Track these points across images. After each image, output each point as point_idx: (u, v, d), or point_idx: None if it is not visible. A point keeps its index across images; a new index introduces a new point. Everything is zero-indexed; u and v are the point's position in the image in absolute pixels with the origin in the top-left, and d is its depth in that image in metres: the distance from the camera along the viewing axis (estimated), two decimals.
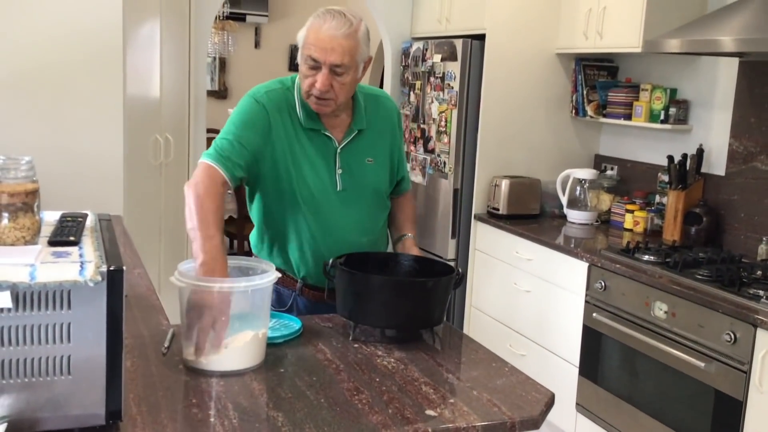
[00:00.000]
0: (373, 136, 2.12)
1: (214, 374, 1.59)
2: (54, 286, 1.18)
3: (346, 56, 1.90)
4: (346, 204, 2.06)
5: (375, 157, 2.11)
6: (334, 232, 2.06)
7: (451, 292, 1.96)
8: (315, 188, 2.03)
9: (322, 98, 1.94)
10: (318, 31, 1.90)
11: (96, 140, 3.11)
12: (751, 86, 3.25)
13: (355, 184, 2.07)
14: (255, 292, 1.65)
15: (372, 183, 2.11)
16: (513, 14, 3.92)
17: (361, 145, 2.09)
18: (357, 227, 2.09)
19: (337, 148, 2.05)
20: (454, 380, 1.68)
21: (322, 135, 2.04)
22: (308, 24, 1.94)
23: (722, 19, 2.88)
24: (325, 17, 1.91)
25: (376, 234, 2.17)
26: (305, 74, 1.94)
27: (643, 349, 2.88)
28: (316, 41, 1.90)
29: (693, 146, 3.49)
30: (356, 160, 2.08)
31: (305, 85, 1.95)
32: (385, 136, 2.16)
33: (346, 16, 1.92)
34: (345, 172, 2.06)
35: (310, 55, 1.91)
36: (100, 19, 3.03)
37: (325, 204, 2.04)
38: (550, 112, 4.11)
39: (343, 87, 1.95)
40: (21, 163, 1.35)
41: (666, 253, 3.06)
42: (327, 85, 1.91)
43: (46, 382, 1.21)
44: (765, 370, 2.39)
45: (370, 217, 2.13)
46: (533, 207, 3.95)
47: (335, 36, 1.88)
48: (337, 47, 1.88)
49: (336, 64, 1.90)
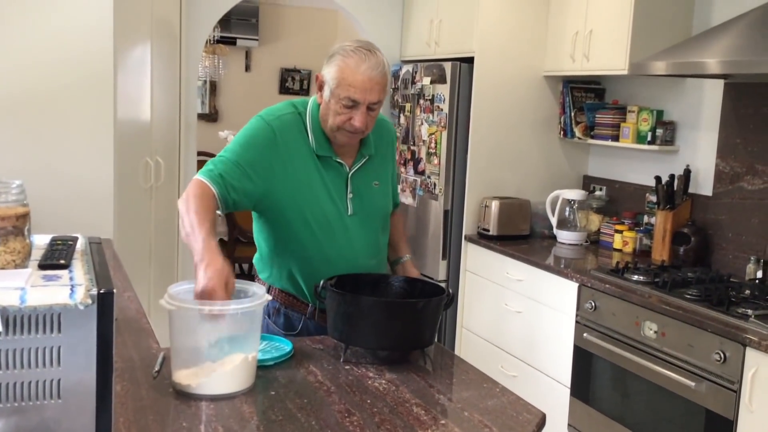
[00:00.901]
0: (379, 160, 2.17)
1: (204, 398, 1.59)
2: (44, 309, 1.17)
3: (382, 92, 1.97)
4: (356, 228, 2.09)
5: (381, 181, 2.17)
6: (346, 255, 2.07)
7: (441, 313, 1.96)
8: (328, 213, 2.04)
9: (355, 133, 1.99)
10: (356, 72, 1.92)
11: (86, 163, 3.11)
12: (736, 107, 3.29)
13: (365, 208, 2.10)
14: (245, 315, 1.65)
15: (380, 206, 2.16)
16: (501, 37, 3.97)
17: (369, 169, 2.13)
18: (367, 250, 2.12)
19: (348, 173, 2.08)
20: (446, 401, 1.68)
21: (334, 162, 2.07)
22: (339, 63, 1.94)
23: (707, 42, 2.92)
24: (358, 56, 1.93)
25: (383, 257, 2.21)
26: (339, 112, 1.96)
27: (633, 369, 2.88)
28: (355, 82, 1.92)
29: (680, 167, 3.52)
30: (365, 184, 2.12)
31: (337, 122, 1.97)
32: (388, 159, 2.22)
33: (376, 53, 1.97)
34: (356, 196, 2.09)
35: (348, 96, 1.93)
36: (91, 44, 3.05)
37: (337, 228, 2.06)
38: (538, 134, 4.14)
39: (373, 119, 2.02)
40: (11, 186, 1.35)
41: (655, 273, 3.08)
42: (365, 122, 1.97)
43: (36, 406, 1.20)
44: (755, 389, 2.40)
45: (378, 239, 2.17)
46: (523, 228, 3.97)
47: (373, 77, 1.93)
48: (375, 86, 1.94)
49: (374, 102, 1.96)
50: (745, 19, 2.86)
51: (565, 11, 3.85)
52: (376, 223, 2.14)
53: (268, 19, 7.69)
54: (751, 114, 3.23)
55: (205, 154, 6.81)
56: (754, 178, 3.21)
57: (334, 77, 1.95)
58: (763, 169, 3.17)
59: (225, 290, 1.65)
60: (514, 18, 3.97)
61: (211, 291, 1.64)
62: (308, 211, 2.02)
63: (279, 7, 7.71)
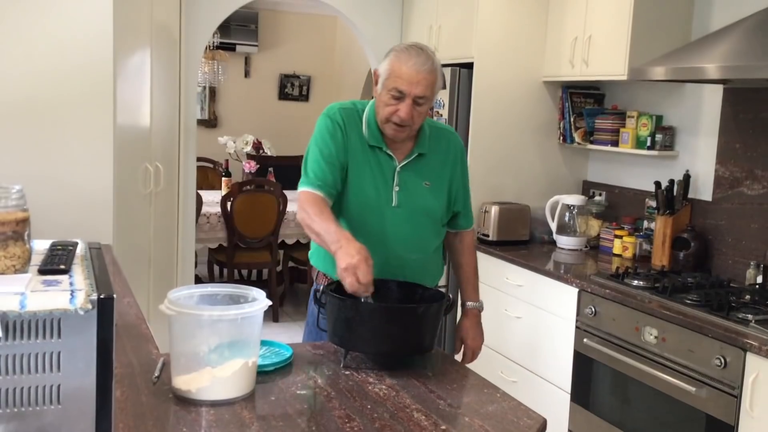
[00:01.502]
0: (433, 162, 2.22)
1: (204, 403, 1.59)
2: (44, 314, 1.17)
3: (429, 89, 2.06)
4: (399, 220, 2.15)
5: (432, 182, 2.21)
6: (386, 244, 2.13)
7: (441, 319, 1.96)
8: (372, 201, 2.14)
9: (401, 125, 2.08)
10: (405, 65, 2.03)
11: (86, 169, 3.11)
12: (736, 112, 3.29)
13: (410, 203, 2.17)
14: (245, 320, 1.65)
15: (426, 204, 2.20)
16: (500, 43, 3.97)
17: (419, 167, 2.19)
18: (408, 243, 2.18)
19: (396, 167, 2.16)
20: (446, 407, 1.67)
21: (384, 153, 2.16)
22: (391, 57, 2.08)
23: (706, 47, 2.93)
24: (410, 52, 2.05)
25: (426, 254, 2.24)
26: (387, 103, 2.07)
27: (633, 374, 2.88)
28: (403, 74, 2.03)
29: (679, 172, 3.52)
30: (413, 181, 2.18)
31: (385, 113, 2.08)
32: (446, 166, 2.25)
33: (427, 53, 2.07)
34: (402, 190, 2.16)
35: (396, 87, 2.04)
36: (91, 50, 3.05)
37: (379, 217, 2.14)
38: (538, 139, 4.15)
39: (420, 115, 2.10)
40: (11, 191, 1.35)
41: (655, 278, 3.08)
42: (410, 114, 2.05)
43: (36, 411, 1.20)
44: (755, 394, 2.40)
45: (421, 236, 2.21)
46: (523, 233, 3.97)
47: (420, 71, 2.03)
48: (422, 81, 2.03)
49: (420, 96, 2.04)
50: (743, 24, 2.87)
51: (564, 17, 3.86)
52: (419, 219, 2.19)
53: (268, 25, 7.71)
54: (750, 119, 3.23)
55: (204, 159, 6.83)
56: (754, 183, 3.21)
57: (386, 69, 2.07)
58: (763, 174, 3.17)
59: (367, 265, 1.82)
60: (513, 23, 3.98)
61: (356, 265, 1.81)
62: (354, 197, 2.14)
63: (278, 14, 7.73)
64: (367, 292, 1.84)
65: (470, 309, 2.38)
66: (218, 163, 6.96)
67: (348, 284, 1.83)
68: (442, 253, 2.38)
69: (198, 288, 1.78)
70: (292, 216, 5.66)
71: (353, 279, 1.82)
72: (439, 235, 2.30)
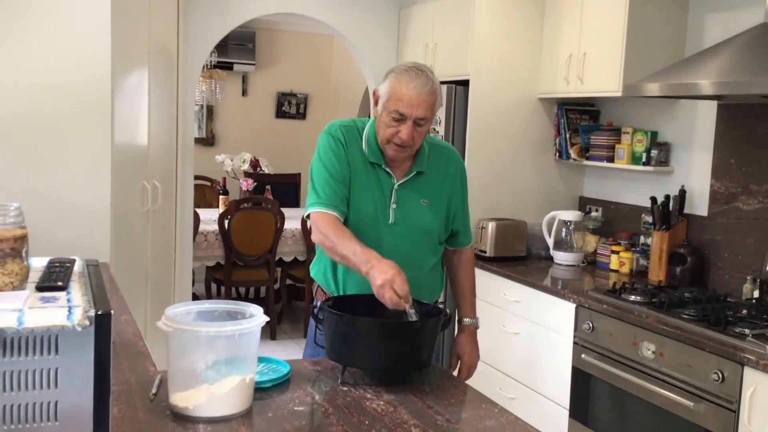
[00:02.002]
0: (432, 181, 2.23)
1: (201, 420, 1.58)
2: (42, 331, 1.17)
3: (429, 110, 2.07)
4: (395, 237, 2.16)
5: (430, 200, 2.22)
6: None
7: (439, 334, 1.96)
8: (369, 217, 2.15)
9: (402, 146, 2.09)
10: (405, 87, 2.05)
11: (84, 187, 3.11)
12: (730, 128, 3.31)
13: (407, 221, 2.18)
14: (242, 336, 1.64)
15: (423, 222, 2.21)
16: (495, 60, 4.00)
17: (418, 185, 2.20)
18: (403, 261, 2.13)
19: (394, 184, 2.17)
20: (444, 422, 1.67)
21: (383, 170, 2.17)
22: (392, 79, 2.09)
23: (700, 63, 2.95)
24: (410, 74, 2.06)
25: (422, 272, 2.23)
26: (388, 124, 2.09)
27: (631, 389, 2.87)
28: (404, 97, 2.05)
29: (675, 187, 3.54)
30: (411, 198, 2.19)
31: (387, 134, 2.10)
32: (445, 185, 2.26)
33: (427, 74, 2.08)
34: (399, 207, 2.17)
35: (397, 110, 2.05)
36: (89, 69, 3.06)
37: (375, 233, 2.15)
38: (534, 156, 4.16)
39: (421, 136, 2.12)
40: (9, 209, 1.36)
41: (652, 293, 3.08)
42: (411, 136, 2.07)
43: (33, 429, 1.20)
44: (753, 408, 2.40)
45: (417, 254, 2.21)
46: (520, 249, 3.98)
47: (421, 93, 2.04)
48: (423, 103, 2.05)
49: (420, 118, 2.06)
50: (737, 40, 2.90)
51: (559, 34, 3.89)
52: (416, 237, 2.20)
53: (265, 44, 7.75)
54: (744, 134, 3.25)
55: (202, 178, 6.84)
56: (749, 198, 3.22)
57: (387, 91, 2.09)
58: (758, 189, 3.19)
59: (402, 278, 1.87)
60: (509, 41, 4.01)
61: (392, 279, 1.86)
62: (352, 211, 2.15)
63: (275, 32, 7.77)
64: (407, 302, 1.88)
65: (467, 325, 2.39)
66: (215, 181, 6.97)
67: (387, 299, 1.87)
68: (441, 269, 2.38)
69: (195, 304, 1.79)
70: (290, 233, 5.67)
71: (392, 294, 1.86)
72: (437, 253, 2.30)
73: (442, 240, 2.31)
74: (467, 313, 2.40)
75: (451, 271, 2.42)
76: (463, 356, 2.35)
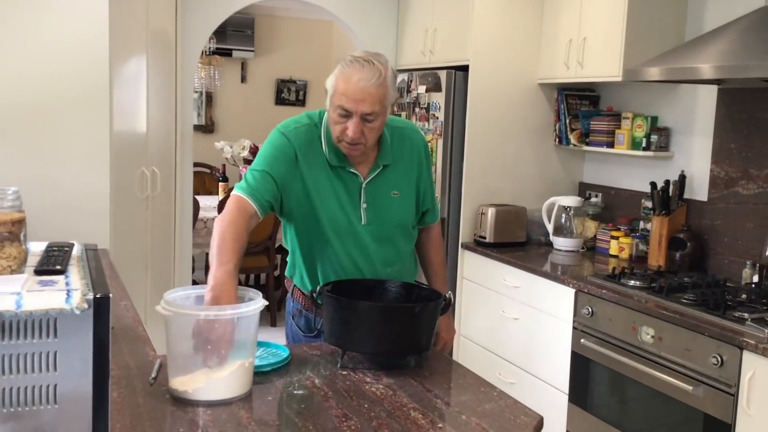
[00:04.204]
0: (399, 169, 2.15)
1: (201, 404, 1.59)
2: (40, 314, 1.17)
3: (377, 104, 1.94)
4: (370, 237, 2.10)
5: (400, 190, 2.15)
6: (359, 263, 2.10)
7: (438, 318, 1.96)
8: (340, 221, 2.07)
9: (353, 144, 1.98)
10: (348, 82, 1.93)
11: (83, 174, 3.11)
12: (730, 113, 3.30)
13: (380, 218, 2.11)
14: (241, 320, 1.65)
15: (396, 216, 2.14)
16: (495, 45, 3.98)
17: (386, 179, 2.12)
18: (382, 259, 2.13)
19: (362, 183, 2.09)
20: (443, 405, 1.68)
21: (348, 171, 2.08)
22: (336, 72, 1.97)
23: (700, 47, 2.94)
24: (353, 66, 1.94)
25: (402, 263, 2.20)
26: (336, 121, 1.98)
27: (631, 374, 2.88)
28: (347, 92, 1.93)
29: (675, 172, 3.53)
30: (381, 193, 2.11)
31: (336, 131, 1.99)
32: (411, 168, 2.18)
33: (374, 64, 1.95)
34: (370, 206, 2.09)
35: (341, 105, 1.94)
36: (87, 56, 3.06)
37: (350, 237, 2.09)
38: (534, 141, 4.16)
39: (373, 131, 1.99)
40: (7, 193, 1.36)
41: (651, 278, 3.08)
42: (358, 132, 1.96)
43: (32, 411, 1.20)
44: (752, 393, 2.40)
45: (395, 249, 2.17)
46: (519, 235, 3.97)
47: (366, 87, 1.92)
48: (368, 97, 1.92)
49: (367, 113, 1.94)
50: (737, 24, 2.88)
51: (559, 19, 3.87)
52: (392, 233, 2.14)
53: (264, 30, 7.72)
54: (745, 119, 3.24)
55: (201, 165, 6.82)
56: (749, 183, 3.22)
57: (332, 85, 1.97)
58: (758, 174, 3.18)
59: None
60: (508, 26, 3.99)
61: None
62: (322, 219, 2.06)
63: (274, 19, 7.74)
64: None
65: None
66: (215, 168, 6.96)
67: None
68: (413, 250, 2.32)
69: (194, 289, 1.79)
70: None
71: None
72: (412, 239, 2.25)
73: (415, 224, 2.25)
74: (441, 288, 2.28)
75: (421, 249, 2.34)
76: (440, 332, 2.27)
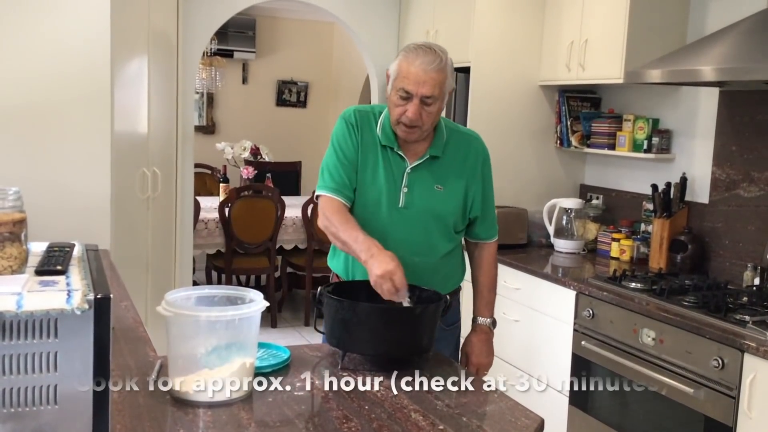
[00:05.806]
0: (449, 166, 2.18)
1: (201, 405, 1.58)
2: (41, 314, 1.17)
3: (437, 88, 2.03)
4: (404, 221, 2.14)
5: (445, 186, 2.17)
6: (388, 244, 2.06)
7: (440, 320, 1.96)
8: (379, 200, 2.13)
9: (410, 126, 2.05)
10: (411, 65, 2.02)
11: (84, 174, 3.11)
12: (732, 115, 3.30)
13: (418, 205, 2.14)
14: (242, 321, 1.65)
15: (435, 208, 2.16)
16: (497, 47, 3.98)
17: (431, 170, 2.16)
18: (412, 246, 2.14)
19: (407, 167, 2.14)
20: (444, 407, 1.67)
21: (396, 153, 2.15)
22: (400, 58, 2.07)
23: (702, 50, 2.94)
24: (417, 52, 2.04)
25: (434, 258, 2.19)
26: (396, 104, 2.06)
27: (632, 376, 2.87)
28: (409, 74, 2.02)
29: (676, 175, 3.53)
30: (424, 183, 2.15)
31: (396, 114, 2.07)
32: (463, 171, 2.20)
33: (436, 51, 2.05)
34: (410, 191, 2.14)
35: (403, 87, 2.02)
36: (89, 56, 3.06)
37: (384, 217, 2.13)
38: (535, 143, 4.15)
39: (430, 116, 2.06)
40: (8, 193, 1.36)
41: (652, 280, 3.08)
42: (417, 114, 2.03)
43: (33, 412, 1.20)
44: (753, 395, 2.40)
45: (427, 239, 2.17)
46: (520, 236, 3.97)
47: (427, 70, 2.01)
48: (429, 80, 2.01)
49: (427, 96, 2.02)
50: (739, 26, 2.88)
51: (561, 21, 3.87)
52: (428, 223, 2.16)
53: (265, 31, 7.72)
54: (746, 122, 3.24)
55: (202, 166, 6.83)
56: (750, 186, 3.21)
57: (395, 70, 2.06)
58: (759, 177, 3.18)
59: (401, 271, 1.87)
60: (510, 28, 3.99)
61: (392, 271, 1.86)
62: (363, 195, 2.14)
63: (276, 20, 7.74)
64: (403, 297, 1.88)
65: (479, 325, 2.30)
66: (216, 169, 6.97)
67: (386, 290, 1.86)
68: (461, 259, 2.32)
69: (195, 290, 1.79)
70: (290, 222, 5.67)
71: (390, 285, 1.85)
72: (451, 241, 2.23)
73: (460, 229, 2.24)
74: (481, 311, 2.30)
75: (472, 265, 2.35)
76: (470, 356, 2.28)
